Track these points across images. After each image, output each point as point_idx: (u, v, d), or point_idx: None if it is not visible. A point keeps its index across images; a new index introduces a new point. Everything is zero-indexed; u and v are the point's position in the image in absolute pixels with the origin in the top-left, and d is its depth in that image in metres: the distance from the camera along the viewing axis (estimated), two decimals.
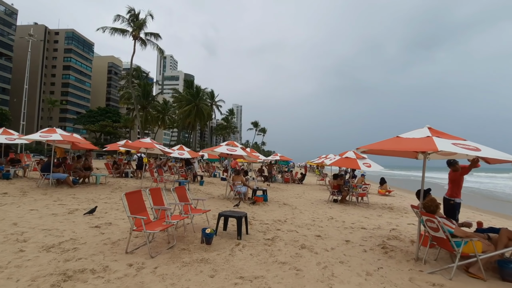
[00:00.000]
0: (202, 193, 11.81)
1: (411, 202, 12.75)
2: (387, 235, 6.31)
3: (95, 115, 76.51)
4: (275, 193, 13.39)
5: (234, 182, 10.30)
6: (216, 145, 10.93)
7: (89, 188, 11.03)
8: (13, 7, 73.43)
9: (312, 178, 28.98)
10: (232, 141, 10.44)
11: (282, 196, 12.41)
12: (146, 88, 43.22)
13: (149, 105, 43.97)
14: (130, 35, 34.71)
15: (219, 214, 5.47)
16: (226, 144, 10.05)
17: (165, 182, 12.14)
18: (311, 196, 13.27)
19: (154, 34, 35.73)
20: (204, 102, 46.95)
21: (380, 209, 10.21)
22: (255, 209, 8.71)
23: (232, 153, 9.57)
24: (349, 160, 10.30)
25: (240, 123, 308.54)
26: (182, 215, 5.51)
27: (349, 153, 10.67)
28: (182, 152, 15.44)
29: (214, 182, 17.26)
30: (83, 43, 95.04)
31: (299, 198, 12.14)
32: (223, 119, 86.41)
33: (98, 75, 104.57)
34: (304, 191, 15.34)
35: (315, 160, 18.27)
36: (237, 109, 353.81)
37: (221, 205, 8.97)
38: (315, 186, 19.00)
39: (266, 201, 10.25)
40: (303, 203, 10.65)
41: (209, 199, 10.03)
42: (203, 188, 13.49)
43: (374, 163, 10.38)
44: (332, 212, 9.08)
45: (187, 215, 5.50)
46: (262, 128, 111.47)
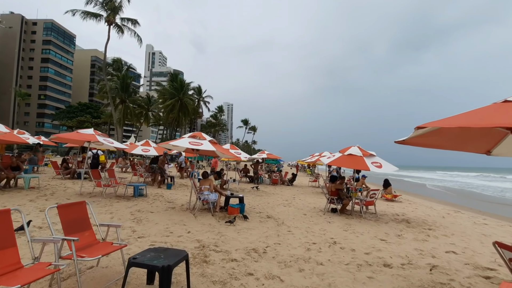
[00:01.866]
0: (161, 201, 9.10)
1: (426, 210, 10.39)
2: (431, 282, 3.80)
3: (75, 110, 72.07)
4: (259, 199, 10.81)
5: (201, 187, 7.65)
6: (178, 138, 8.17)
7: (10, 194, 8.19)
8: None
9: (304, 178, 26.56)
10: (199, 132, 7.76)
11: (267, 204, 9.83)
12: (126, 80, 39.81)
13: (129, 99, 40.60)
14: (105, 21, 31.37)
15: (130, 261, 2.81)
16: (189, 136, 7.38)
17: (117, 187, 9.37)
18: (303, 202, 10.75)
19: (131, 19, 32.50)
20: (188, 97, 43.84)
21: (394, 222, 7.76)
22: (223, 228, 6.10)
23: (196, 147, 6.91)
24: (353, 159, 7.81)
25: (231, 121, 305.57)
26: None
27: (352, 149, 8.18)
28: (147, 149, 12.65)
29: (189, 185, 14.53)
30: (64, 34, 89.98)
31: (288, 206, 9.59)
32: (212, 116, 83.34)
33: (81, 69, 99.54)
34: (295, 195, 12.82)
35: (308, 159, 15.83)
36: (228, 108, 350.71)
37: (173, 224, 6.30)
38: (308, 189, 16.52)
39: (243, 212, 7.66)
40: (293, 214, 8.10)
41: (164, 211, 7.34)
42: (168, 193, 10.78)
43: (386, 162, 7.93)
44: (333, 229, 6.56)
45: (72, 259, 2.83)
46: (252, 126, 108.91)
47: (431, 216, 9.13)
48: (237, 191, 12.60)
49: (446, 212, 10.13)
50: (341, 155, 8.15)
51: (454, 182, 38.32)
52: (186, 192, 11.25)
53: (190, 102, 43.05)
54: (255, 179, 17.57)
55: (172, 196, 10.17)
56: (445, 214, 9.72)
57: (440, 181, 40.24)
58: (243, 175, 18.57)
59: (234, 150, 12.50)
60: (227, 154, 8.08)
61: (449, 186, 30.24)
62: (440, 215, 9.55)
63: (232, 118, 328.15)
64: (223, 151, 7.97)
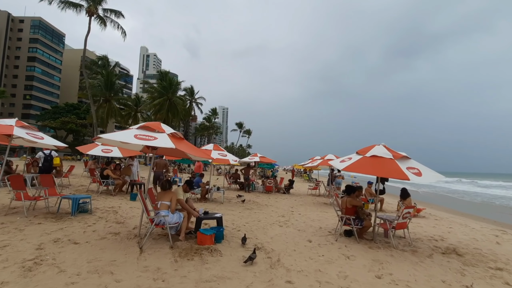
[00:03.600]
0: (108, 220, 6.55)
1: (464, 230, 8.05)
2: None
3: (61, 111, 69.04)
4: (247, 214, 8.32)
5: (158, 204, 5.14)
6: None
7: None
8: None
9: (301, 185, 24.13)
10: (157, 122, 5.26)
11: (257, 222, 7.36)
12: (110, 77, 37.03)
13: (114, 98, 37.73)
14: (86, 11, 28.80)
15: None
16: (138, 128, 4.90)
17: (47, 199, 6.76)
18: (304, 218, 8.30)
19: (114, 11, 30.01)
20: (178, 96, 41.08)
21: (440, 255, 5.35)
22: (179, 277, 3.61)
23: (144, 142, 4.42)
24: (381, 163, 5.40)
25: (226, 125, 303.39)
26: None
27: (377, 148, 5.79)
28: (108, 149, 10.10)
29: None
30: (52, 33, 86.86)
31: (285, 226, 7.13)
32: (205, 118, 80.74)
33: (70, 69, 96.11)
34: (293, 208, 10.37)
35: (307, 163, 13.45)
36: (223, 111, 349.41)
37: (92, 269, 3.79)
38: (307, 198, 14.08)
39: (221, 240, 5.18)
40: (293, 242, 5.65)
41: (97, 241, 4.81)
42: (127, 207, 8.23)
43: (426, 168, 5.54)
44: (358, 273, 4.12)
45: None
46: (247, 130, 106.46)
47: (478, 241, 6.76)
48: (222, 202, 10.10)
49: (493, 234, 7.76)
50: (360, 158, 5.74)
51: (441, 188, 36.29)
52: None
53: (180, 101, 40.29)
54: (245, 186, 15.08)
55: (131, 212, 7.61)
56: (492, 237, 7.36)
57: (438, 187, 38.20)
58: (232, 182, 16.06)
59: (218, 152, 10.03)
60: (200, 155, 5.60)
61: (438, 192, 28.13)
62: (487, 238, 7.19)
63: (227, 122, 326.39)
64: (194, 151, 5.49)
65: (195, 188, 10.04)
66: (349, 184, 6.60)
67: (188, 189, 5.75)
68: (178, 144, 4.80)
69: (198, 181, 10.14)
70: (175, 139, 4.93)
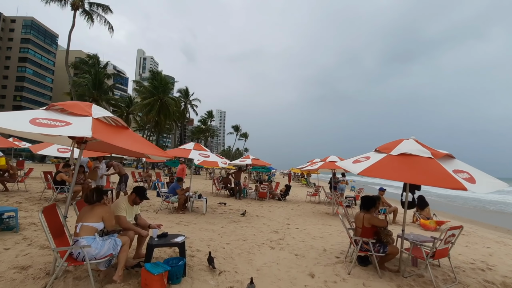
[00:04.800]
0: (35, 244, 4.77)
1: (505, 250, 6.35)
2: None
3: None
4: (231, 229, 6.56)
5: (77, 226, 3.36)
6: None
7: None
8: None
9: (298, 190, 22.39)
10: (80, 102, 3.53)
11: (242, 242, 5.61)
12: (99, 76, 35.15)
13: (102, 98, 35.78)
14: (71, 5, 27.10)
15: None
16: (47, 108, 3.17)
17: None
18: (304, 236, 6.55)
19: (101, 5, 28.35)
20: (170, 97, 39.17)
21: None
22: None
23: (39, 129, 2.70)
24: (418, 165, 3.71)
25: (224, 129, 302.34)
26: None
27: (406, 144, 4.11)
28: (67, 148, 8.32)
29: None
30: (45, 33, 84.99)
31: (279, 249, 5.38)
32: (200, 121, 79.03)
33: (64, 71, 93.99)
34: (290, 219, 8.62)
35: (306, 166, 11.73)
36: (221, 115, 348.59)
37: None
38: (306, 206, 12.35)
39: (180, 279, 3.44)
40: (287, 278, 3.92)
41: None
42: None
43: (481, 172, 3.86)
44: None
45: None
46: (243, 133, 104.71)
47: None
48: (203, 213, 8.34)
49: None
50: (384, 157, 4.02)
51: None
52: None
53: (172, 102, 38.38)
54: (236, 192, 13.32)
55: None
56: None
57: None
58: (222, 187, 14.29)
59: (199, 151, 8.28)
60: (156, 153, 3.83)
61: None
62: None
63: (224, 126, 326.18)
64: (146, 147, 3.74)
65: (171, 195, 8.27)
66: (367, 195, 4.82)
67: (138, 199, 4.00)
68: (110, 135, 3.07)
69: (174, 187, 8.37)
70: (105, 128, 3.19)
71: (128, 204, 3.91)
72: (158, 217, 7.43)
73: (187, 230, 6.19)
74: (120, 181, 9.28)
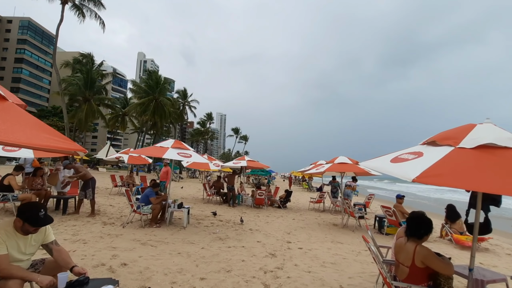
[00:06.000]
0: None
1: None
2: None
3: (46, 114, 65.84)
4: (214, 252, 4.90)
5: None
6: None
7: None
8: None
9: (300, 195, 20.75)
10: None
11: (224, 274, 3.97)
12: (91, 75, 33.63)
13: (94, 98, 34.15)
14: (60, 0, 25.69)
15: None
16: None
17: None
18: (309, 261, 4.91)
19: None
20: (166, 97, 37.52)
21: None
22: None
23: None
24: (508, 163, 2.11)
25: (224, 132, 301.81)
26: None
27: (483, 130, 2.51)
28: (11, 148, 6.69)
29: (102, 212, 8.61)
30: (42, 34, 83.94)
31: (275, 285, 3.75)
32: (199, 123, 77.54)
33: (62, 72, 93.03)
34: (291, 235, 6.97)
35: (310, 169, 10.11)
36: (221, 118, 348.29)
37: None
38: (309, 215, 10.70)
39: None
40: None
41: None
42: None
43: None
44: None
45: None
46: (243, 136, 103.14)
47: None
48: (184, 227, 6.69)
49: None
50: (452, 151, 2.40)
51: None
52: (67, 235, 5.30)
53: (168, 102, 36.71)
54: (229, 198, 11.68)
55: None
56: None
57: None
58: (214, 192, 12.64)
59: (178, 150, 6.66)
60: (54, 146, 2.24)
61: None
62: None
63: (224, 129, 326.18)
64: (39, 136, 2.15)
65: (142, 205, 6.63)
66: (415, 211, 3.05)
67: (30, 227, 2.34)
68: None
69: (148, 194, 6.74)
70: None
71: (15, 232, 2.29)
72: (122, 234, 5.81)
73: (150, 256, 4.56)
74: (86, 187, 7.63)
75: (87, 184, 7.66)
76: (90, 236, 5.44)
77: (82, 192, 7.59)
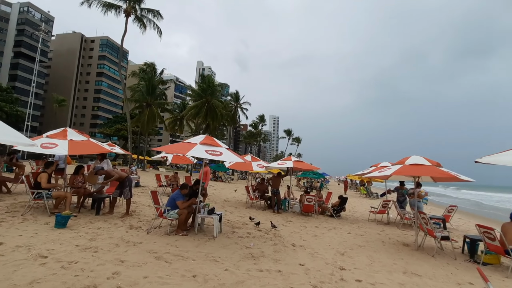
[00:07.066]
0: None
1: None
2: None
3: (120, 120, 74.57)
4: (237, 280, 3.70)
5: None
6: None
7: None
8: (49, 15, 75.42)
9: (357, 201, 18.28)
10: None
11: None
12: (153, 82, 36.34)
13: (154, 103, 36.82)
14: (124, 12, 28.18)
15: None
16: None
17: None
18: None
19: (152, 10, 28.86)
20: (218, 99, 38.40)
21: None
22: None
23: None
24: None
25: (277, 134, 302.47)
26: None
27: None
28: (52, 143, 6.67)
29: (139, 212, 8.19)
30: (117, 50, 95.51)
31: None
32: (251, 125, 78.20)
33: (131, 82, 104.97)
34: (345, 257, 5.36)
35: (371, 172, 8.20)
36: (274, 120, 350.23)
37: None
38: (369, 229, 8.75)
39: None
40: None
41: None
42: (25, 241, 4.43)
43: None
44: None
45: None
46: (296, 138, 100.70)
47: None
48: (215, 237, 5.67)
49: None
50: None
51: None
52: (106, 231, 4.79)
53: (220, 104, 37.53)
54: (273, 203, 10.45)
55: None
56: None
57: None
58: (258, 196, 11.56)
59: (206, 147, 5.73)
60: None
61: None
62: None
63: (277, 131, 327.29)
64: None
65: (168, 209, 5.86)
66: None
67: None
68: None
69: (174, 197, 5.94)
70: None
71: None
72: (142, 242, 5.08)
73: (157, 277, 3.60)
74: (122, 186, 7.31)
75: (123, 183, 7.35)
76: (106, 242, 4.83)
77: (117, 191, 7.31)
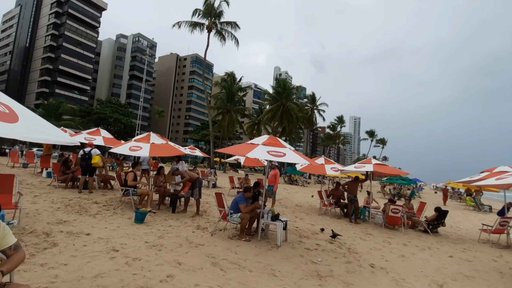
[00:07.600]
0: None
1: None
2: None
3: (206, 127, 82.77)
4: None
5: None
6: None
7: None
8: (153, 41, 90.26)
9: (462, 216, 14.73)
10: None
11: None
12: (232, 89, 38.90)
13: (233, 109, 39.28)
14: (206, 28, 31.10)
15: None
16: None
17: None
18: None
19: (230, 23, 30.92)
20: (292, 102, 37.97)
21: None
22: None
23: None
24: None
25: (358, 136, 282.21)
26: None
27: None
28: (137, 146, 7.55)
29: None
30: (205, 65, 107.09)
31: None
32: (329, 127, 74.73)
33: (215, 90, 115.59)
34: None
35: (484, 179, 6.26)
36: (355, 121, 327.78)
37: None
38: (481, 253, 6.71)
39: None
40: None
41: None
42: (107, 233, 5.00)
43: None
44: None
45: None
46: (380, 139, 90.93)
47: None
48: (279, 245, 5.26)
49: None
50: None
51: None
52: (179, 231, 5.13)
53: (295, 107, 37.09)
54: (350, 212, 9.29)
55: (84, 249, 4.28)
56: None
57: None
58: (333, 202, 10.52)
59: (268, 148, 5.38)
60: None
61: None
62: None
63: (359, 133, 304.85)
64: None
65: (231, 212, 5.75)
66: None
67: None
68: None
69: (237, 201, 5.79)
70: None
71: None
72: (204, 244, 5.08)
73: (208, 286, 3.41)
74: (193, 186, 7.75)
75: (194, 184, 7.77)
76: (171, 241, 5.01)
77: (189, 191, 7.77)
